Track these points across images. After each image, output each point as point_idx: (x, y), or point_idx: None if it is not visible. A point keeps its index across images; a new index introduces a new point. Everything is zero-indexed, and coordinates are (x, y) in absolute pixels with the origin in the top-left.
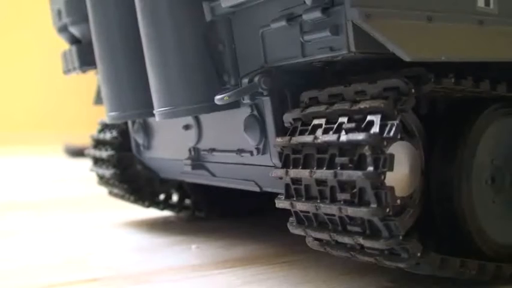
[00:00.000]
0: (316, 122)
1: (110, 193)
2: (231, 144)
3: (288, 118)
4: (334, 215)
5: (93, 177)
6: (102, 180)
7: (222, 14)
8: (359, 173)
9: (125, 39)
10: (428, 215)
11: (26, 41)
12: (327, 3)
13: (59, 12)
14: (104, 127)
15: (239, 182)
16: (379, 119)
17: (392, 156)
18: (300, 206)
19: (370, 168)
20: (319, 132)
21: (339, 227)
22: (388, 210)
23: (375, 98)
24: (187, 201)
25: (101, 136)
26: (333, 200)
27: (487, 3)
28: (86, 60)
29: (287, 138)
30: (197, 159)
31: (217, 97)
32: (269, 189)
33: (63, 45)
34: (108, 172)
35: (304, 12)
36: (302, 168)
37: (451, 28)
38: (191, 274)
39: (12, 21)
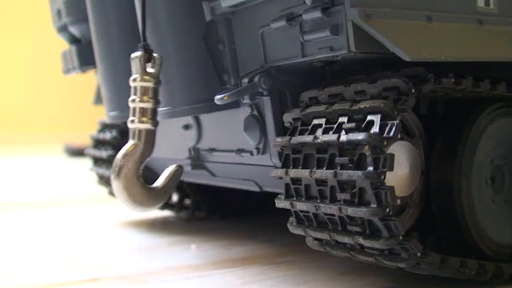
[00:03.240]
0: (316, 121)
1: (110, 193)
2: (231, 144)
3: (287, 118)
4: (334, 215)
5: (93, 177)
6: (102, 180)
7: (222, 14)
8: (359, 173)
9: (124, 39)
10: (428, 215)
11: (26, 41)
12: (326, 3)
13: (59, 12)
14: (104, 127)
15: (239, 182)
16: (379, 119)
17: (392, 156)
18: (300, 205)
19: (370, 168)
20: (319, 132)
21: (338, 227)
22: (388, 210)
23: (375, 98)
24: (187, 201)
25: (101, 136)
26: (333, 200)
27: (487, 3)
28: (85, 60)
29: (287, 138)
30: (197, 159)
31: (217, 97)
32: (269, 189)
33: (63, 45)
34: (108, 172)
35: (304, 12)
36: (302, 168)
37: (451, 28)
38: (191, 274)
39: (12, 21)
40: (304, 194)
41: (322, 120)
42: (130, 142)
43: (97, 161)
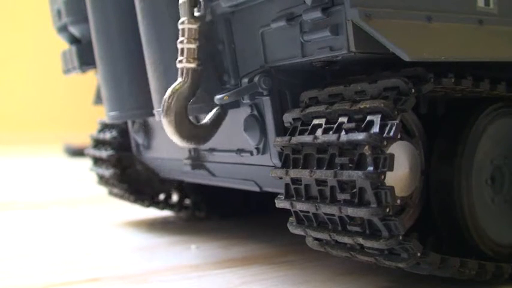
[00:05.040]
0: (316, 121)
1: (110, 193)
2: (231, 144)
3: (287, 118)
4: (334, 215)
5: (93, 177)
6: (102, 180)
7: (222, 14)
8: (359, 173)
9: (124, 39)
10: (428, 215)
11: (26, 41)
12: (326, 3)
13: (59, 12)
14: (104, 127)
15: (239, 182)
16: (379, 119)
17: (392, 156)
18: (300, 205)
19: (370, 168)
20: (319, 132)
21: (338, 227)
22: (388, 210)
23: (375, 98)
24: (187, 201)
25: (101, 136)
26: (333, 200)
27: (487, 3)
28: (85, 60)
29: (287, 138)
30: (197, 159)
31: (217, 97)
32: (269, 189)
33: (63, 45)
34: (107, 172)
35: (304, 12)
36: (302, 168)
37: (451, 28)
38: (191, 274)
39: (12, 21)
40: (304, 194)
41: (322, 120)
42: (179, 80)
43: (97, 161)
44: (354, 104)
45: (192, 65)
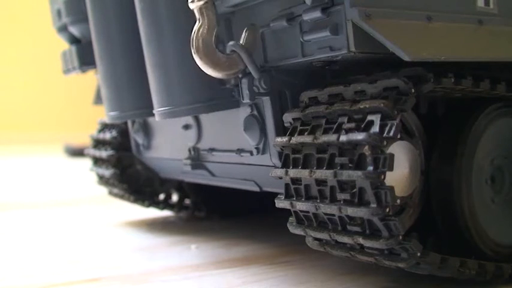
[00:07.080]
0: (316, 122)
1: (110, 193)
2: (230, 144)
3: (287, 118)
4: (334, 215)
5: (93, 177)
6: (102, 180)
7: (222, 14)
8: (359, 172)
9: (124, 39)
10: (428, 215)
11: (26, 41)
12: (326, 3)
13: (59, 12)
14: (104, 127)
15: (239, 182)
16: (379, 119)
17: (392, 156)
18: (300, 205)
19: (370, 168)
20: (319, 132)
21: (338, 227)
22: (388, 210)
23: (374, 98)
24: (187, 201)
25: (101, 136)
26: (333, 199)
27: (487, 3)
28: (85, 60)
29: (287, 138)
30: (197, 159)
31: (231, 43)
32: (269, 189)
33: (63, 45)
34: (107, 172)
35: (304, 12)
36: (302, 168)
37: (451, 28)
38: (191, 274)
39: (12, 21)
40: (304, 194)
41: (322, 120)
42: (198, 21)
43: (97, 161)
44: (353, 104)
45: (201, 2)
